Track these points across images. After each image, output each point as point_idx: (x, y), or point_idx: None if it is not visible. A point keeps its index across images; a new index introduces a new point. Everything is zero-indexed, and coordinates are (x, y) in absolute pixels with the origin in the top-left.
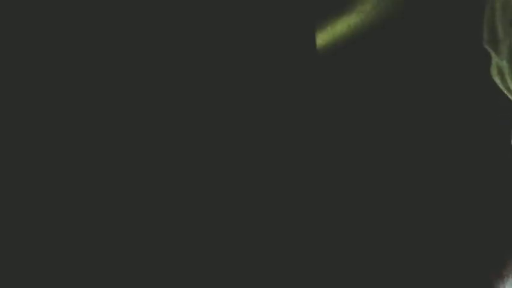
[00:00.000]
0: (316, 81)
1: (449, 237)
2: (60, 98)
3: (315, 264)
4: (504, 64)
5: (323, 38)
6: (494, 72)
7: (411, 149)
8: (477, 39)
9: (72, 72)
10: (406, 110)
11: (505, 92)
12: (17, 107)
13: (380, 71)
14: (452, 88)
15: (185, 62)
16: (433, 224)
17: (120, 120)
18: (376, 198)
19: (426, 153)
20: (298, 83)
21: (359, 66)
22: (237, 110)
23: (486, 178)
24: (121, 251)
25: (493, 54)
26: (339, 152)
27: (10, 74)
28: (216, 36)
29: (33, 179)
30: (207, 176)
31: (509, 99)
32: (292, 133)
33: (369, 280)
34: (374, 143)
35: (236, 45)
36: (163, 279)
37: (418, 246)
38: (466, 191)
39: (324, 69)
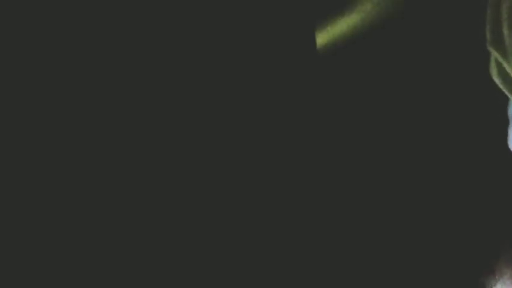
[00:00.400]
0: (317, 81)
1: (442, 234)
2: (60, 98)
3: (315, 264)
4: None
5: (323, 37)
6: (494, 72)
7: (411, 148)
8: (477, 39)
9: (72, 72)
10: (406, 109)
11: (507, 93)
12: (17, 107)
13: (380, 70)
14: (452, 88)
15: (185, 62)
16: (427, 222)
17: (120, 120)
18: (375, 196)
19: (425, 152)
20: (298, 83)
21: (359, 66)
22: (236, 110)
23: (482, 178)
24: (121, 251)
25: (496, 54)
26: (339, 152)
27: (10, 74)
28: (215, 36)
29: (33, 179)
30: (207, 176)
31: (508, 99)
32: (293, 133)
33: (363, 277)
34: (374, 143)
35: (236, 45)
36: (163, 279)
37: (412, 244)
38: (462, 191)
39: (324, 69)
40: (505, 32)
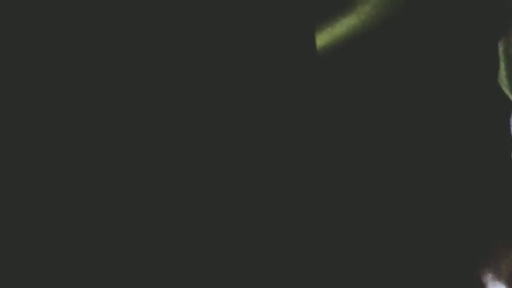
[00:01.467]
0: (316, 82)
1: (440, 234)
2: (61, 98)
3: (314, 264)
4: None
5: (322, 38)
6: (504, 82)
7: (411, 150)
8: (478, 40)
9: (72, 72)
10: (406, 111)
11: None
12: (17, 107)
13: (380, 72)
14: (453, 90)
15: (184, 62)
16: (428, 222)
17: (120, 120)
18: (375, 197)
19: (426, 154)
20: (297, 84)
21: (359, 67)
22: (235, 111)
23: (481, 180)
24: (121, 251)
25: None
26: (339, 153)
27: (10, 74)
28: (215, 36)
29: (33, 179)
30: (207, 177)
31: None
32: (292, 134)
33: (361, 274)
34: (374, 144)
35: (235, 46)
36: (163, 279)
37: (413, 244)
38: (462, 191)
39: (324, 70)
40: None
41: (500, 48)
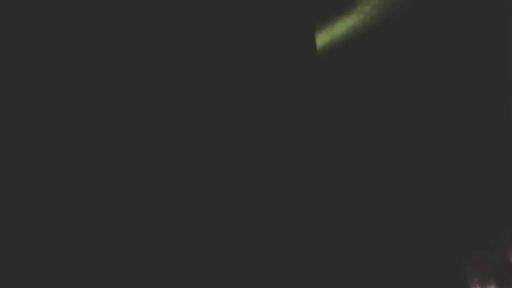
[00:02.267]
0: (316, 82)
1: (439, 234)
2: (60, 98)
3: (314, 264)
4: None
5: (322, 38)
6: None
7: (410, 150)
8: (477, 41)
9: (72, 72)
10: (406, 111)
11: None
12: (17, 107)
13: (379, 72)
14: (453, 90)
15: (184, 62)
16: (429, 222)
17: (120, 120)
18: (374, 197)
19: (425, 154)
20: (297, 84)
21: (359, 67)
22: (235, 110)
23: (482, 178)
24: (121, 251)
25: None
26: (338, 153)
27: (10, 74)
28: (214, 37)
29: (33, 179)
30: (207, 177)
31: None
32: (291, 134)
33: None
34: (373, 144)
35: (235, 46)
36: (163, 279)
37: (415, 244)
38: (462, 190)
39: (324, 70)
40: None
41: None
